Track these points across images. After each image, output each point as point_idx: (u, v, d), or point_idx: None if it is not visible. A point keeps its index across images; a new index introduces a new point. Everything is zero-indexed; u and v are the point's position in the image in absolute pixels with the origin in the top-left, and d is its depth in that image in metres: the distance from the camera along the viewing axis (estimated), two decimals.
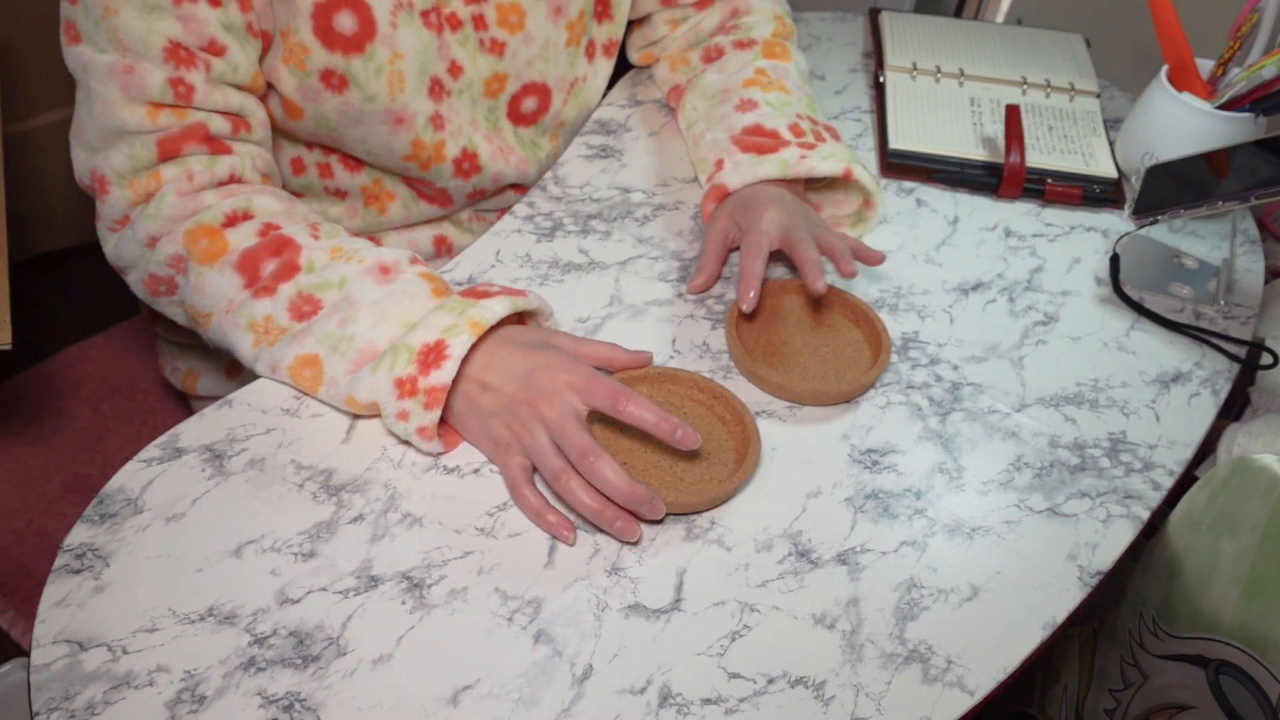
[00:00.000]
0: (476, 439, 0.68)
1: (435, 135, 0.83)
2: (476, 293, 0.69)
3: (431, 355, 0.65)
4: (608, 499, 0.63)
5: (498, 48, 0.84)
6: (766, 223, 0.79)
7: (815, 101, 0.93)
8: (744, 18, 0.97)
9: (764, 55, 0.94)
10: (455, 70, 0.82)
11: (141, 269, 0.74)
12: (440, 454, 0.68)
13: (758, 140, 0.85)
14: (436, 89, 0.81)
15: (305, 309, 0.69)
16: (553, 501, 0.66)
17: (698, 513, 0.66)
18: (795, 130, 0.86)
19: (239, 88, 0.73)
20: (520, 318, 0.74)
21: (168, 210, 0.70)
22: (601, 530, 0.65)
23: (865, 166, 0.85)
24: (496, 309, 0.67)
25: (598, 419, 0.70)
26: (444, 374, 0.64)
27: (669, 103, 0.99)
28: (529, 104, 0.90)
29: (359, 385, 0.66)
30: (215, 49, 0.70)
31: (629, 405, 0.64)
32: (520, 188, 0.95)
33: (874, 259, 0.80)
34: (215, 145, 0.72)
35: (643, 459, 0.68)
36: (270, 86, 0.77)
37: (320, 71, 0.75)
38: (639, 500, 0.62)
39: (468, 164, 0.87)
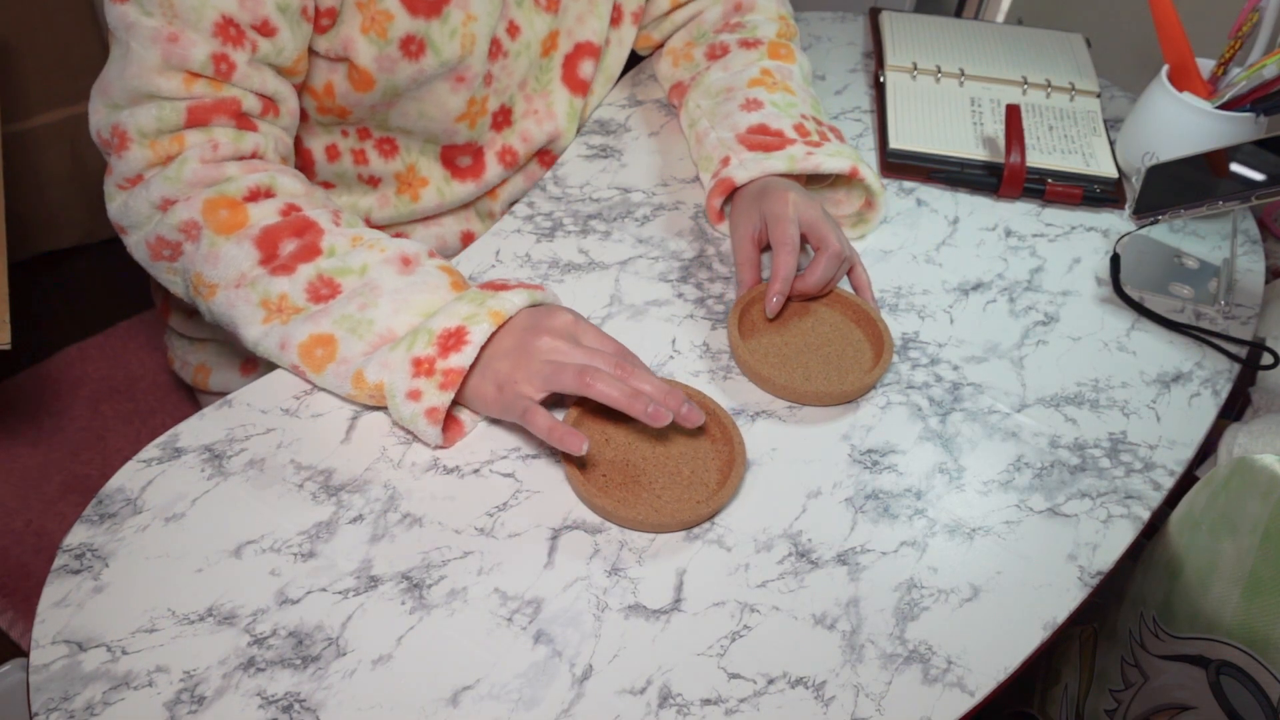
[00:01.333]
0: (483, 399, 0.68)
1: (484, 90, 0.85)
2: (495, 286, 0.71)
3: (452, 339, 0.66)
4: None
5: (553, 4, 0.86)
6: (793, 208, 0.79)
7: (819, 103, 0.93)
8: (747, 15, 0.98)
9: (769, 56, 0.94)
10: (513, 30, 0.83)
11: (148, 230, 0.73)
12: (438, 446, 0.68)
13: (763, 139, 0.86)
14: (494, 49, 0.83)
15: (324, 291, 0.69)
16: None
17: (670, 532, 0.66)
18: (800, 130, 0.86)
19: (279, 71, 0.74)
20: None
21: (189, 175, 0.70)
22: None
23: (870, 167, 0.85)
24: (516, 300, 0.68)
25: (586, 421, 0.70)
26: (463, 357, 0.65)
27: (670, 100, 0.99)
28: (587, 69, 0.90)
29: (371, 363, 0.67)
30: (267, 30, 0.70)
31: (596, 382, 0.65)
32: (544, 157, 0.95)
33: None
34: (243, 122, 0.73)
35: (622, 473, 0.67)
36: (341, 60, 0.77)
37: (401, 39, 0.76)
38: (679, 400, 0.65)
39: (502, 116, 0.89)
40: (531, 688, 0.57)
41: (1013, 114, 0.96)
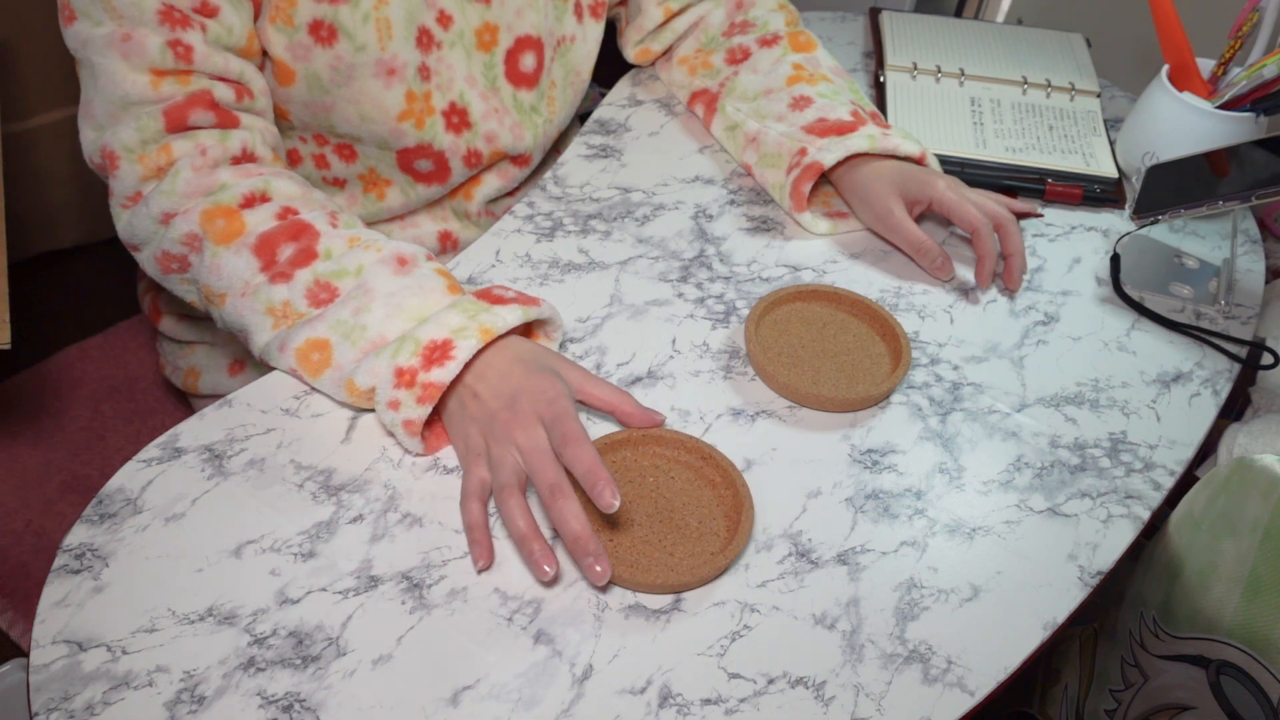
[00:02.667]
0: (455, 440, 0.68)
1: (423, 85, 0.83)
2: (491, 297, 0.69)
3: (437, 352, 0.65)
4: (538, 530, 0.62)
5: None
6: (951, 190, 0.84)
7: (857, 87, 0.95)
8: (751, 11, 0.98)
9: (793, 49, 0.95)
10: (444, 20, 0.82)
11: (155, 246, 0.74)
12: (420, 454, 0.68)
13: (832, 126, 0.87)
14: (425, 39, 0.81)
15: (323, 296, 0.69)
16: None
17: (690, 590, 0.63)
18: (857, 116, 0.88)
19: (236, 52, 0.74)
20: (529, 327, 0.74)
21: (183, 186, 0.71)
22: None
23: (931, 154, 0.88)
24: (509, 318, 0.67)
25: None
26: (445, 373, 0.64)
27: (691, 107, 0.98)
28: (528, 61, 0.88)
29: (361, 370, 0.66)
30: (207, 10, 0.71)
31: (570, 447, 0.61)
32: (519, 160, 0.93)
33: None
34: (222, 114, 0.73)
35: (630, 535, 0.64)
36: (263, 54, 0.77)
37: (309, 24, 0.75)
38: (585, 551, 0.59)
39: (457, 118, 0.86)
40: (531, 688, 0.57)
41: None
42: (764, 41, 0.96)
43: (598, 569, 0.59)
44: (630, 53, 1.02)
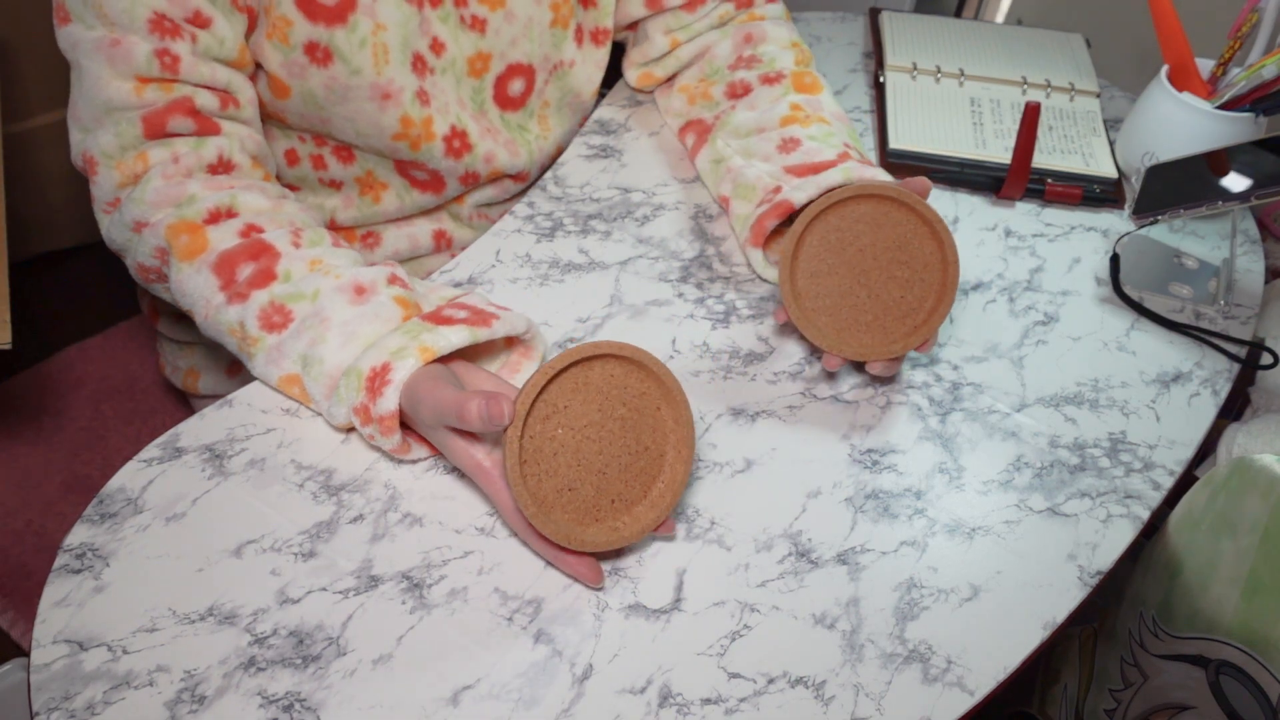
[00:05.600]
0: (419, 420, 0.66)
1: (423, 111, 0.82)
2: (439, 317, 0.67)
3: (377, 381, 0.64)
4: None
5: (479, 24, 0.83)
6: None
7: (856, 133, 0.89)
8: (760, 46, 0.93)
9: (795, 89, 0.89)
10: (438, 47, 0.81)
11: (132, 255, 0.74)
12: (427, 457, 0.68)
13: (812, 166, 0.82)
14: (420, 64, 0.81)
15: (275, 319, 0.68)
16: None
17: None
18: (844, 157, 0.82)
19: (226, 63, 0.73)
20: (513, 342, 0.73)
21: (151, 195, 0.70)
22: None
23: None
24: (453, 339, 0.65)
25: (556, 412, 0.60)
26: (387, 401, 0.63)
27: (681, 137, 0.95)
28: (516, 86, 0.88)
29: (332, 412, 0.67)
30: (200, 21, 0.70)
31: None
32: (517, 177, 0.93)
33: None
34: (202, 121, 0.72)
35: (605, 479, 0.61)
36: (258, 66, 0.77)
37: (304, 45, 0.75)
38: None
39: (458, 142, 0.85)
40: (532, 687, 0.57)
41: (1031, 115, 0.90)
42: (766, 79, 0.91)
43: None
44: (632, 75, 0.98)
